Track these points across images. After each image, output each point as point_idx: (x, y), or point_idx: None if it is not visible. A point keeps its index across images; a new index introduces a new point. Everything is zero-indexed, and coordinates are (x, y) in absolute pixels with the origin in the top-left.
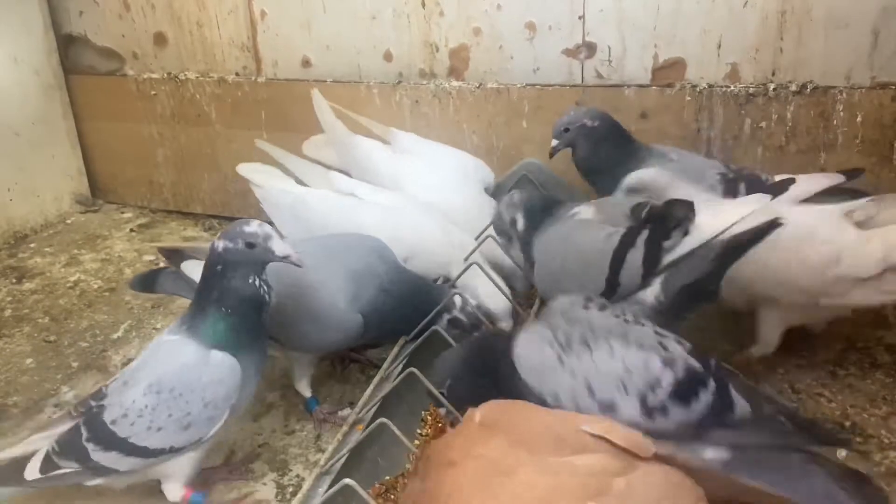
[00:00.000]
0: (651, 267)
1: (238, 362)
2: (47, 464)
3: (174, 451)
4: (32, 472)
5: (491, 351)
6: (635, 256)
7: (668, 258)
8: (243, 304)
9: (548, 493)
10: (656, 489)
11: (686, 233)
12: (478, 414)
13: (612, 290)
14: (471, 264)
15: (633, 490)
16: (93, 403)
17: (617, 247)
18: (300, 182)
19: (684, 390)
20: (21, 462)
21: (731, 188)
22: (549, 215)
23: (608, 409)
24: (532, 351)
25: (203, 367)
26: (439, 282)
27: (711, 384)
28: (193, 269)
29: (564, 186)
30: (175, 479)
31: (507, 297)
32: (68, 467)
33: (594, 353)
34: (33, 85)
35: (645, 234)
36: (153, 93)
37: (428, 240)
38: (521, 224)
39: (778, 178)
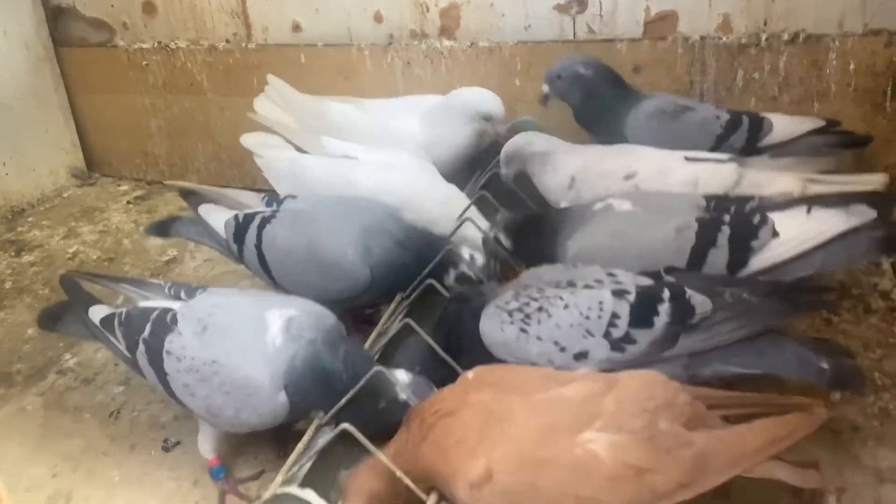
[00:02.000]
0: (737, 269)
1: (291, 411)
2: (108, 321)
3: (195, 414)
4: (95, 315)
5: (459, 330)
6: (718, 257)
7: (754, 260)
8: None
9: (545, 432)
10: (640, 392)
11: (775, 233)
12: (470, 373)
13: None
14: (465, 220)
15: (621, 403)
16: (172, 310)
17: (695, 244)
18: (298, 149)
19: (643, 312)
20: (95, 301)
21: (733, 123)
22: (546, 232)
23: (581, 357)
24: (495, 329)
25: (260, 395)
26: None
27: (666, 293)
28: (210, 213)
29: None
30: (205, 438)
31: (505, 249)
32: (117, 341)
33: (552, 312)
34: (23, 58)
35: (727, 231)
36: (144, 63)
37: (420, 193)
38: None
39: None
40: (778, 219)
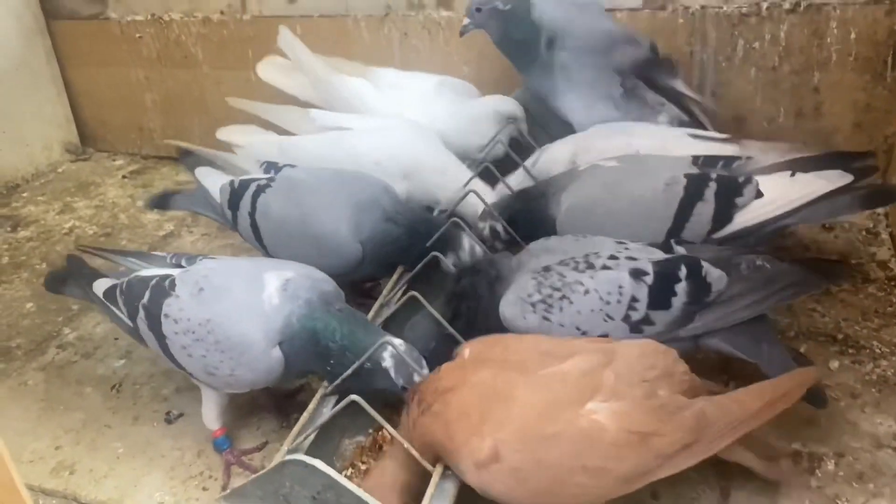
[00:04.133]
0: (721, 223)
1: (287, 368)
2: (110, 293)
3: (192, 376)
4: (99, 288)
5: (475, 303)
6: (704, 210)
7: (738, 216)
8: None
9: (548, 409)
10: (638, 363)
11: (759, 194)
12: (467, 350)
13: None
14: (468, 192)
15: (621, 375)
16: (171, 276)
17: (683, 196)
18: (284, 131)
19: (661, 294)
20: (100, 275)
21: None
22: (539, 195)
23: None
24: (517, 318)
25: (254, 351)
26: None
27: (683, 271)
28: (207, 176)
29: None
30: (208, 405)
31: (504, 226)
32: (119, 311)
33: (573, 299)
34: (14, 31)
35: (714, 186)
36: (138, 35)
37: (425, 159)
38: (501, 232)
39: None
40: (763, 181)
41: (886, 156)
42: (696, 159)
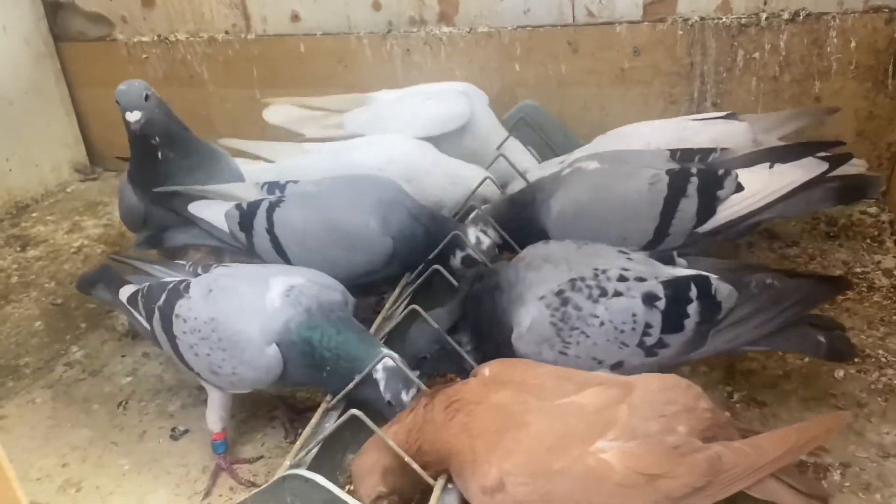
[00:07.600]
0: (705, 217)
1: (285, 367)
2: (133, 298)
3: (200, 377)
4: (124, 294)
5: (479, 311)
6: (688, 206)
7: (721, 209)
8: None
9: (558, 443)
10: (658, 396)
11: (739, 187)
12: (487, 369)
13: (660, 241)
14: (486, 178)
15: (637, 410)
16: (187, 280)
17: (668, 194)
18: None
19: (674, 318)
20: (127, 282)
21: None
22: (528, 201)
23: (617, 367)
24: (533, 354)
25: (251, 348)
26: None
27: (694, 291)
28: (203, 209)
29: (562, 129)
30: (212, 409)
31: (498, 230)
32: (138, 314)
33: (589, 333)
34: (23, 53)
35: (696, 182)
36: (144, 56)
37: (423, 164)
38: (492, 237)
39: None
40: (743, 174)
41: (890, 163)
42: (673, 153)
